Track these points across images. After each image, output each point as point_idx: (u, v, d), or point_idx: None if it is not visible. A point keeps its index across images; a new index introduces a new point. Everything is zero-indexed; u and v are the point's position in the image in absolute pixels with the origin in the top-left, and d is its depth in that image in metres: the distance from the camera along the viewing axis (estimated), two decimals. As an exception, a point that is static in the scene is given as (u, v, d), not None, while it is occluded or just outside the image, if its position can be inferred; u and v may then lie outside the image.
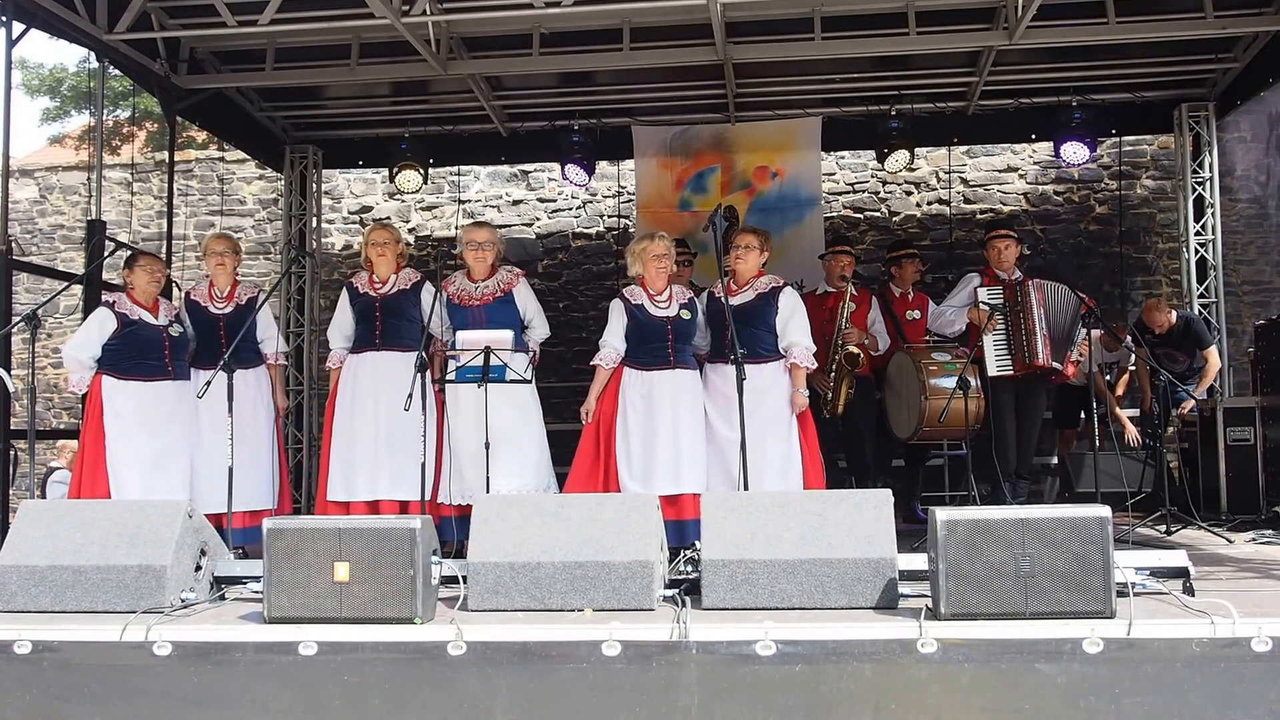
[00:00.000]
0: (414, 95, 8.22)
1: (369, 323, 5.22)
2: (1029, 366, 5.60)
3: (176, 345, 5.22)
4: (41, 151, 15.45)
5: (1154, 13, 6.94)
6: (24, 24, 6.28)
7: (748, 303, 5.03)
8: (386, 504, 5.07)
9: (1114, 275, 9.61)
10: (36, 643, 3.18)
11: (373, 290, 5.27)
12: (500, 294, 5.20)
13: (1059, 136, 8.07)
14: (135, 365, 5.11)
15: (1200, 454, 6.71)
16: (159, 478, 5.03)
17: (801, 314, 5.06)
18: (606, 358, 5.05)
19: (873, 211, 10.01)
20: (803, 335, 5.01)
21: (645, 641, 3.05)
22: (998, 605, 3.06)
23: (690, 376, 5.01)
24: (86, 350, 5.11)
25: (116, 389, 5.08)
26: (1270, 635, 2.91)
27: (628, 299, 5.08)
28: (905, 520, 6.10)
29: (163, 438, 5.10)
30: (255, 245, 10.94)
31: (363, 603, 3.21)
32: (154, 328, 5.17)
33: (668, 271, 5.07)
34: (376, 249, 5.28)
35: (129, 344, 5.11)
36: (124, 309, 5.16)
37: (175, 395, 5.17)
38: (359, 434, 5.12)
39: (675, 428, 4.88)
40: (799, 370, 4.98)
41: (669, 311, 5.01)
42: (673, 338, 4.98)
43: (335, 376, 5.30)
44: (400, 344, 5.18)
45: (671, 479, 4.82)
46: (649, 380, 4.96)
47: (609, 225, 10.11)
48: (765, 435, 4.84)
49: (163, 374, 5.15)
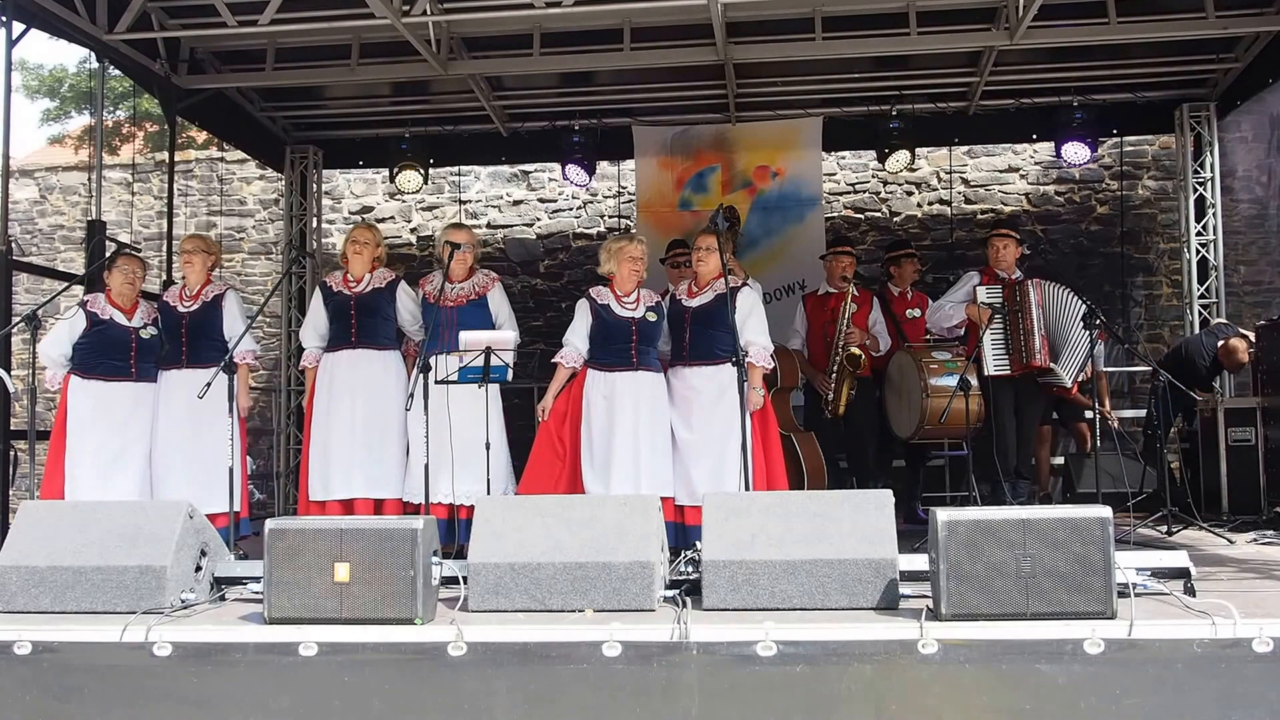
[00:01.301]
0: (414, 95, 8.22)
1: (344, 321, 5.21)
2: (1026, 366, 5.60)
3: (145, 347, 5.21)
4: (41, 152, 15.45)
5: (1155, 13, 6.94)
6: (24, 24, 6.28)
7: (706, 304, 4.99)
8: (361, 502, 5.07)
9: (1115, 275, 9.61)
10: (36, 643, 3.17)
11: (347, 289, 5.27)
12: (474, 297, 5.21)
13: (1060, 136, 8.07)
14: (99, 364, 5.12)
15: (1201, 454, 6.71)
16: (112, 478, 5.02)
17: (759, 313, 5.02)
18: (567, 356, 5.06)
19: (873, 212, 10.00)
20: (759, 334, 4.97)
21: (646, 642, 3.04)
22: (999, 606, 3.05)
23: (652, 379, 4.99)
24: (56, 348, 5.15)
25: (79, 388, 5.10)
26: (1271, 636, 2.90)
27: (594, 298, 5.08)
28: (906, 521, 6.09)
29: (119, 438, 5.10)
30: (256, 245, 10.94)
31: (363, 603, 3.21)
32: (123, 328, 5.17)
33: (640, 275, 5.07)
34: (354, 246, 5.28)
35: (96, 343, 5.13)
36: (95, 308, 5.18)
37: (135, 397, 5.17)
38: (335, 432, 5.12)
39: (635, 430, 4.86)
40: (755, 370, 4.89)
41: (635, 313, 5.00)
42: (637, 339, 4.97)
43: (311, 376, 5.30)
44: (375, 342, 5.20)
45: (630, 480, 4.80)
46: (611, 381, 4.94)
47: (610, 225, 10.11)
48: (725, 436, 4.81)
49: (125, 375, 5.14)
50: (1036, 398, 5.95)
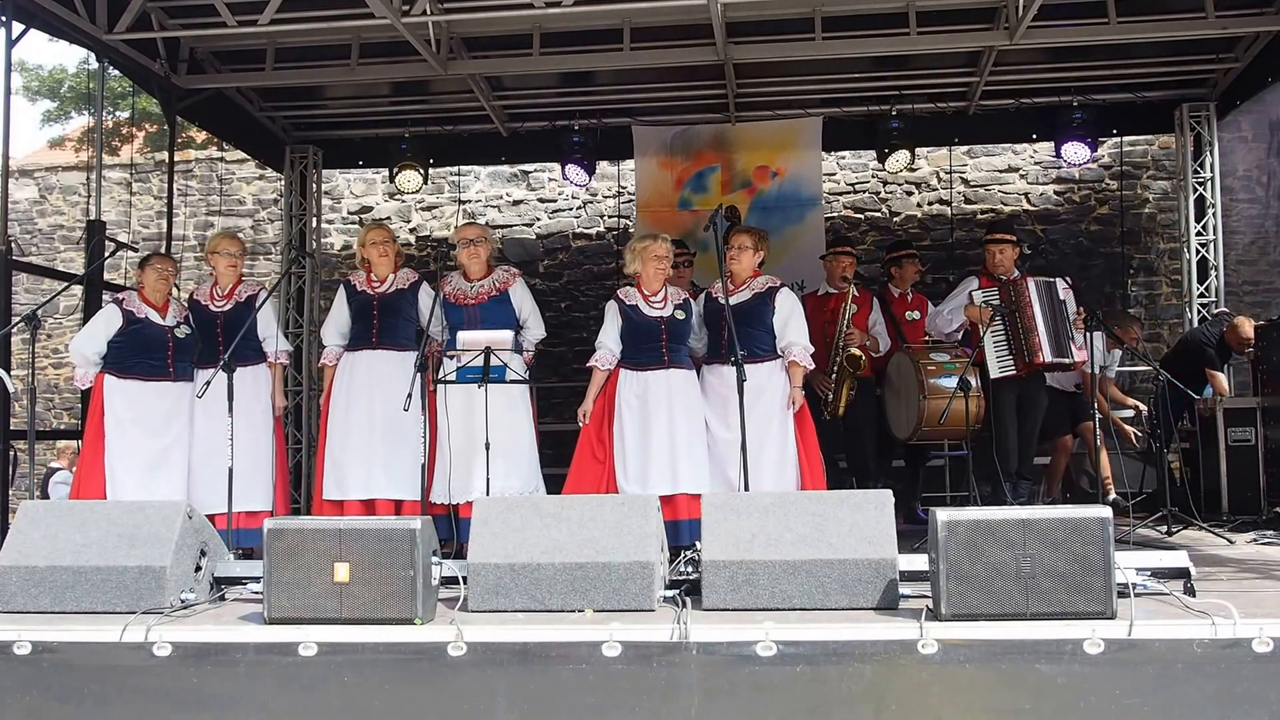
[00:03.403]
0: (414, 95, 8.21)
1: (366, 321, 5.22)
2: (1031, 365, 5.56)
3: (181, 346, 5.21)
4: (41, 152, 15.44)
5: (1155, 13, 6.93)
6: (24, 24, 6.28)
7: (744, 302, 5.02)
8: (382, 503, 5.06)
9: (1115, 276, 9.60)
10: (36, 643, 3.18)
11: (370, 289, 5.28)
12: (496, 293, 5.21)
13: (1060, 136, 8.06)
14: (137, 364, 5.11)
15: (1201, 454, 6.71)
16: (156, 479, 5.02)
17: (799, 314, 5.07)
18: (602, 359, 5.07)
19: (873, 212, 10.00)
20: (801, 335, 5.02)
21: (645, 642, 3.05)
22: (998, 606, 3.06)
23: (685, 376, 5.01)
24: (92, 346, 5.13)
25: (116, 388, 5.08)
26: (1271, 636, 2.91)
27: (622, 300, 5.10)
28: (906, 521, 6.09)
29: (161, 439, 5.10)
30: (255, 245, 10.93)
31: (363, 603, 3.21)
32: (159, 327, 5.17)
33: (665, 273, 5.09)
34: (377, 248, 5.28)
35: (132, 342, 5.12)
36: (131, 306, 5.17)
37: (175, 396, 5.16)
38: (353, 433, 5.12)
39: (671, 428, 4.88)
40: (797, 368, 4.98)
41: (663, 312, 5.02)
42: (667, 338, 4.99)
43: (330, 374, 5.30)
44: (396, 343, 5.20)
45: (668, 480, 4.81)
46: (644, 381, 4.96)
47: (609, 225, 10.11)
48: (762, 435, 4.83)
49: (163, 374, 5.14)
50: (1039, 397, 5.93)
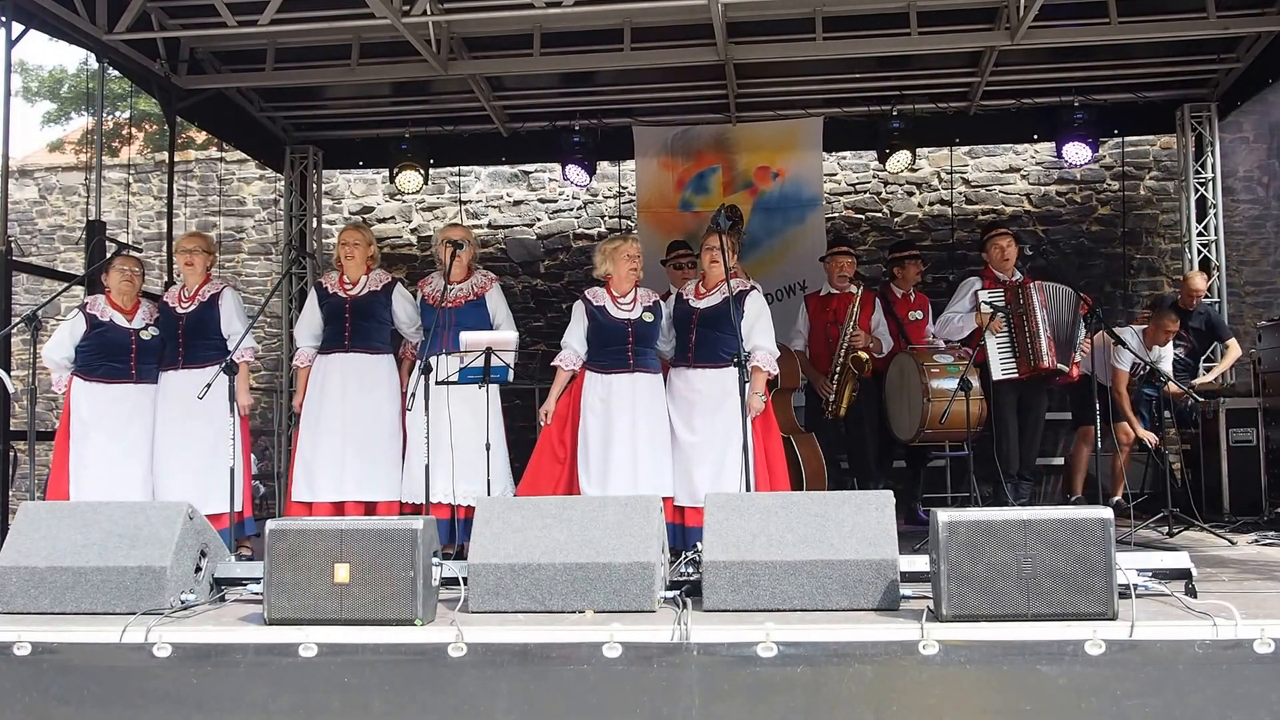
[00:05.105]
0: (414, 95, 8.21)
1: (338, 324, 5.20)
2: (1034, 369, 5.55)
3: (145, 348, 5.20)
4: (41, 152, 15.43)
5: (1156, 13, 6.93)
6: (24, 24, 6.28)
7: (714, 306, 4.96)
8: (352, 505, 5.06)
9: (1116, 276, 9.60)
10: (36, 644, 3.17)
11: (342, 291, 5.25)
12: (473, 297, 5.21)
13: (1061, 137, 8.06)
14: (100, 366, 5.14)
15: (1202, 455, 6.71)
16: (115, 480, 5.01)
17: (766, 317, 4.99)
18: (565, 359, 5.04)
19: (874, 212, 9.99)
20: (766, 339, 4.93)
21: (646, 643, 3.04)
22: (999, 607, 3.05)
23: (650, 380, 4.97)
24: (60, 351, 5.17)
25: (81, 391, 5.12)
26: (1272, 637, 2.90)
27: (589, 300, 5.06)
28: (907, 521, 6.09)
29: (121, 441, 5.10)
30: (256, 246, 10.93)
31: (363, 604, 3.21)
32: (123, 330, 5.18)
33: (637, 275, 5.04)
34: (346, 249, 5.28)
35: (96, 345, 5.14)
36: (95, 310, 5.19)
37: (137, 398, 5.17)
38: (325, 435, 5.11)
39: (633, 432, 4.84)
40: (759, 374, 4.85)
41: (631, 314, 4.98)
42: (633, 340, 4.95)
43: (303, 376, 5.28)
44: (369, 346, 5.19)
45: (628, 482, 4.77)
46: (608, 383, 4.92)
47: (610, 226, 10.09)
48: (727, 439, 4.79)
49: (125, 377, 5.15)
50: (1040, 399, 5.93)
